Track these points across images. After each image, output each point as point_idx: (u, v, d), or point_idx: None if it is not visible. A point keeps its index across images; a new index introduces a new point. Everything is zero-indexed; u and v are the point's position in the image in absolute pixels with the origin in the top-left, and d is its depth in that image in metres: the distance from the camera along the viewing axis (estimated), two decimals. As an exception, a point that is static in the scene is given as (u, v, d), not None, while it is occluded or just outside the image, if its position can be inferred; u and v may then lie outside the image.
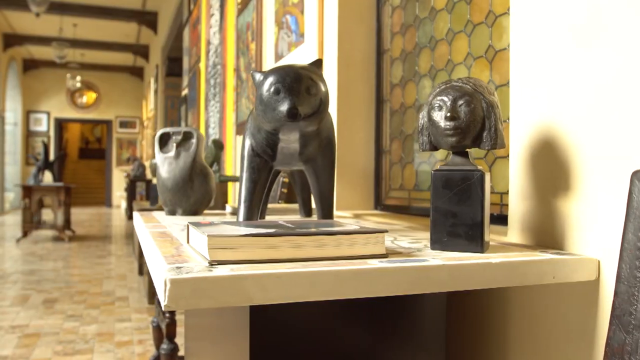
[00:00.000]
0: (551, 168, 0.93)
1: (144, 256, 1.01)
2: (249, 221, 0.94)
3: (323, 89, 0.92)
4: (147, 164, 11.95)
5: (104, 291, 4.06)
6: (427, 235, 1.09)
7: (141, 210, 4.59)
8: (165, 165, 1.61)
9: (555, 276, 0.81)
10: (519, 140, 1.00)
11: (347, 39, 1.87)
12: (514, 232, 1.01)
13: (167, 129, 1.65)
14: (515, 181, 1.01)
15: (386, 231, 0.78)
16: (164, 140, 1.66)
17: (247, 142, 1.09)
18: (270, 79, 0.89)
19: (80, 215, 11.99)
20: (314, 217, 1.53)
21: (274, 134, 1.00)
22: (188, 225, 0.89)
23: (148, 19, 10.31)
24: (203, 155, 1.67)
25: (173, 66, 9.15)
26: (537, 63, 0.96)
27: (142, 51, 12.66)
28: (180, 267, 0.66)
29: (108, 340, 2.83)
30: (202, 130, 4.43)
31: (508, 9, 1.26)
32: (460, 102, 0.84)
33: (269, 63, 2.65)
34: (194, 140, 1.63)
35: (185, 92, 5.93)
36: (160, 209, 4.70)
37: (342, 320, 0.93)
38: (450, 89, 0.85)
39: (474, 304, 1.12)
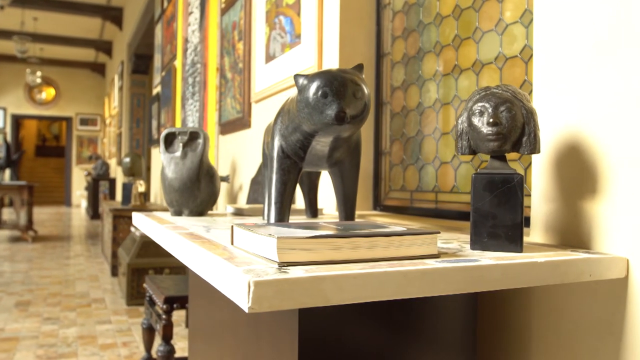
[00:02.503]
0: (576, 171, 0.98)
1: (178, 257, 1.01)
2: (295, 222, 0.95)
3: (367, 92, 0.94)
4: (111, 162, 11.69)
5: (78, 293, 3.96)
6: (455, 235, 1.12)
7: (115, 210, 4.50)
8: (171, 165, 1.60)
9: (591, 274, 0.85)
10: (543, 145, 1.04)
11: (348, 41, 1.90)
12: (537, 233, 1.06)
13: (173, 129, 1.64)
14: (539, 184, 1.05)
15: (439, 232, 0.81)
16: (169, 140, 1.64)
17: (277, 144, 1.10)
18: (317, 83, 0.91)
19: (40, 215, 11.63)
20: (321, 218, 1.54)
21: (311, 137, 1.01)
22: (232, 227, 0.90)
23: (113, 15, 10.08)
24: (209, 156, 1.67)
25: (140, 63, 8.99)
26: (561, 69, 1.01)
27: (105, 47, 12.37)
28: (252, 269, 0.67)
29: (91, 343, 2.77)
30: (179, 129, 4.37)
31: (520, 18, 1.31)
32: (502, 108, 0.87)
33: (258, 63, 2.65)
34: (200, 141, 1.63)
35: (157, 90, 5.83)
36: (134, 209, 4.62)
37: (371, 322, 0.95)
38: (491, 96, 0.89)
39: (499, 304, 1.16)
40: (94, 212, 10.88)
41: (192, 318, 1.65)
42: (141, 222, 1.53)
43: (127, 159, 5.19)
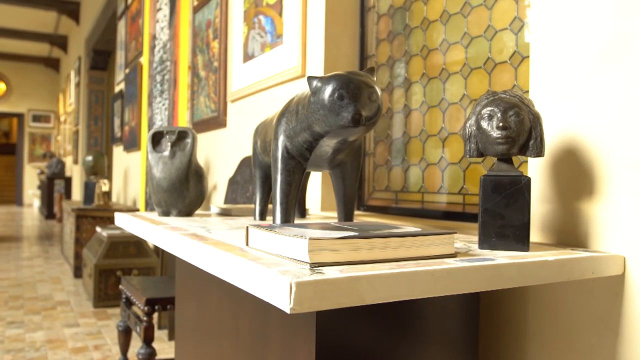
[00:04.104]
0: (573, 173, 1.02)
1: (188, 260, 1.00)
2: (304, 223, 0.96)
3: (380, 95, 0.96)
4: (67, 160, 11.34)
5: (41, 295, 3.84)
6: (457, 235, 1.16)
7: (77, 209, 4.38)
8: (159, 165, 1.57)
9: (594, 272, 0.90)
10: (540, 148, 1.09)
11: (332, 43, 1.91)
12: (534, 232, 1.10)
13: (160, 128, 1.62)
14: (536, 185, 1.10)
15: (455, 232, 0.84)
16: (156, 140, 1.62)
17: (281, 145, 1.11)
18: (333, 85, 0.92)
19: (-10, 215, 11.17)
20: (309, 218, 1.56)
21: (320, 138, 1.02)
22: (248, 228, 0.90)
23: (69, 8, 9.77)
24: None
25: (98, 59, 8.76)
26: (558, 76, 1.05)
27: (60, 42, 11.98)
28: (286, 270, 0.68)
29: (60, 347, 2.69)
30: (147, 128, 4.29)
31: (509, 25, 1.36)
32: (511, 112, 0.91)
33: (235, 63, 2.63)
34: (189, 140, 1.61)
35: (120, 87, 5.70)
36: (98, 209, 4.51)
37: (376, 323, 0.96)
38: (500, 101, 0.92)
39: (500, 302, 1.20)
40: (48, 212, 10.54)
41: (180, 320, 1.63)
42: (129, 223, 1.51)
43: (90, 158, 5.06)
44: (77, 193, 9.42)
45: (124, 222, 1.56)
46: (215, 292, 1.32)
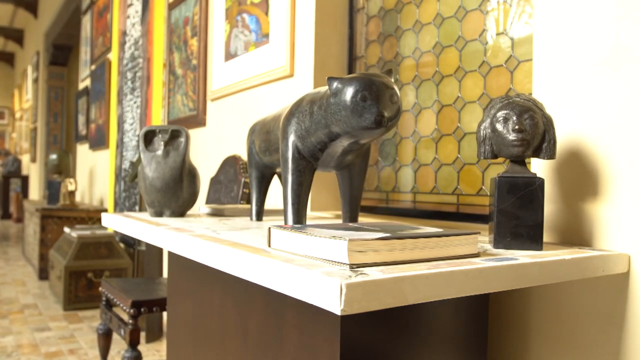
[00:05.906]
0: (578, 175, 1.06)
1: (207, 263, 0.99)
2: (321, 224, 0.96)
3: (399, 97, 0.97)
4: (23, 158, 10.95)
5: (5, 299, 3.70)
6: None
7: (43, 209, 4.25)
8: (152, 164, 1.55)
9: (604, 269, 0.94)
10: (544, 150, 1.12)
11: (322, 44, 1.92)
12: (537, 232, 1.14)
13: (153, 127, 1.59)
14: (539, 186, 1.13)
15: (479, 232, 0.86)
16: (148, 138, 1.59)
17: (291, 145, 1.11)
18: (355, 87, 0.93)
19: (-60, 215, 10.68)
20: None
21: (334, 139, 1.03)
22: (270, 229, 0.90)
23: (27, 1, 9.44)
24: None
25: (58, 54, 8.49)
26: (563, 79, 1.09)
27: (15, 35, 11.55)
28: (329, 272, 0.68)
29: (33, 352, 2.60)
30: (116, 126, 4.19)
31: (505, 30, 1.39)
32: (526, 116, 0.94)
33: (216, 61, 2.60)
34: (182, 139, 1.59)
35: (85, 83, 5.54)
36: (64, 209, 4.38)
37: (388, 324, 0.97)
38: (514, 104, 0.95)
39: (506, 301, 1.23)
40: (4, 212, 10.17)
41: (174, 322, 1.60)
42: (121, 225, 1.48)
43: (54, 156, 4.91)
44: (35, 192, 9.11)
45: (115, 223, 1.53)
46: (217, 292, 1.31)
